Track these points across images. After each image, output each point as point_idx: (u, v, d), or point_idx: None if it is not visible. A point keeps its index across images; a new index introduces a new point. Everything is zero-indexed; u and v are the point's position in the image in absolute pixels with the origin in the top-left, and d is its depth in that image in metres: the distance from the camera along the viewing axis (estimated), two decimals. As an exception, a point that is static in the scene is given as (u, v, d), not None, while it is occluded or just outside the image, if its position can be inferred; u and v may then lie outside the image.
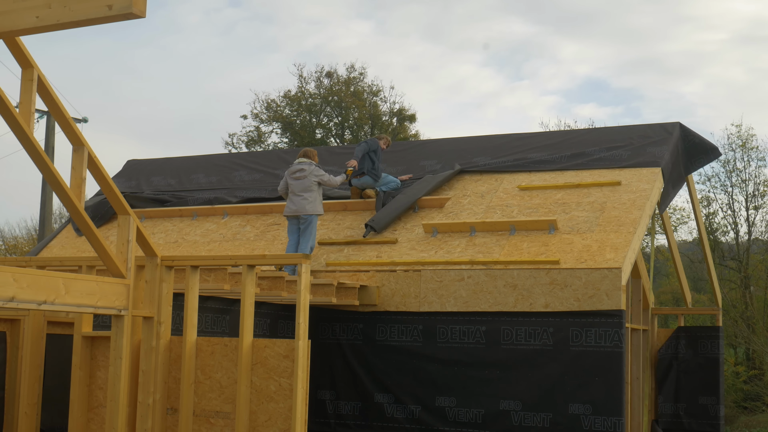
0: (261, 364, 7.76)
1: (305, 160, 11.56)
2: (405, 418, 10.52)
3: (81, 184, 7.13)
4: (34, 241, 35.81)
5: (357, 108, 35.30)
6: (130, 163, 16.05)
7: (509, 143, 13.33)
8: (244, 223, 13.20)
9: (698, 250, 26.66)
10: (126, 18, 5.14)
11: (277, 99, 36.20)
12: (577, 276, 10.01)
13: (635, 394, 13.04)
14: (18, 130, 6.39)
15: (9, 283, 6.22)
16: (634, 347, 12.98)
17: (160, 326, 7.94)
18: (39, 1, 5.33)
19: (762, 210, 27.88)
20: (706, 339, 13.94)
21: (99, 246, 7.29)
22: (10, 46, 6.37)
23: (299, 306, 7.67)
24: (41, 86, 6.73)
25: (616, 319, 9.73)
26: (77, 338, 8.13)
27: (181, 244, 13.02)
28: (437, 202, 12.28)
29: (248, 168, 14.56)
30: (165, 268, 8.02)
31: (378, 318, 10.84)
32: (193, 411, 7.94)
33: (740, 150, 27.54)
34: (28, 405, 8.00)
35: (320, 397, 10.98)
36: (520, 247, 10.78)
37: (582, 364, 9.81)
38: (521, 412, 10.01)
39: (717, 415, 13.62)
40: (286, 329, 10.60)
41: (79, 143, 7.16)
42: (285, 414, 7.61)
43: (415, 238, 11.60)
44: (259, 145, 35.71)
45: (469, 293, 10.44)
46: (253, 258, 8.09)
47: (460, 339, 10.41)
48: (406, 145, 14.97)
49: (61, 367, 8.55)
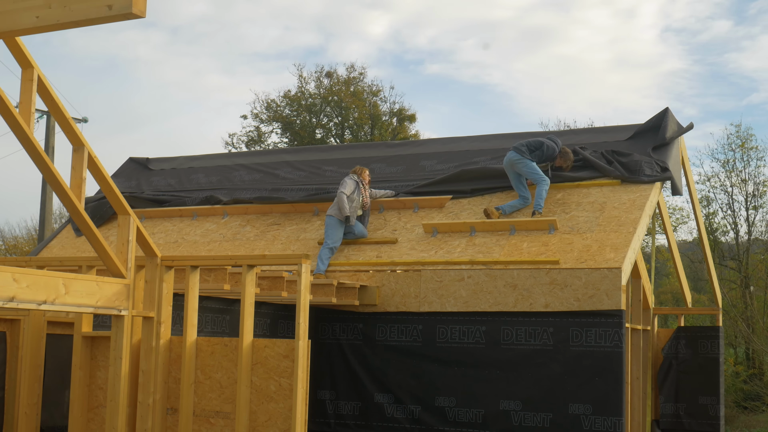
0: (261, 364, 7.76)
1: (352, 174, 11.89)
2: (405, 418, 10.52)
3: (81, 184, 7.13)
4: (34, 241, 35.82)
5: (357, 108, 35.30)
6: (130, 162, 16.04)
7: (509, 143, 13.31)
8: (244, 223, 13.20)
9: (698, 250, 26.65)
10: (126, 18, 5.14)
11: (277, 99, 36.25)
12: (577, 276, 10.01)
13: (635, 394, 13.04)
14: (18, 130, 6.39)
15: (9, 283, 6.22)
16: (634, 347, 12.97)
17: (160, 326, 7.94)
18: (39, 1, 5.33)
19: (762, 210, 27.90)
20: (706, 339, 13.93)
21: (99, 246, 7.29)
22: (10, 46, 6.38)
23: (299, 306, 7.67)
24: (41, 86, 6.73)
25: (616, 319, 9.73)
26: (77, 338, 8.14)
27: (181, 244, 13.02)
28: (437, 201, 12.27)
29: (248, 168, 14.55)
30: (165, 268, 8.02)
31: (378, 318, 10.84)
32: (193, 411, 7.95)
33: (740, 150, 27.55)
34: (28, 405, 8.00)
35: (320, 397, 10.98)
36: (520, 247, 10.78)
37: (582, 364, 9.81)
38: (521, 412, 10.01)
39: (717, 415, 13.61)
40: (286, 329, 10.60)
41: (79, 143, 7.16)
42: (285, 414, 7.61)
43: (415, 238, 11.60)
44: (259, 145, 35.73)
45: (469, 293, 10.44)
46: (253, 258, 8.09)
47: (460, 339, 10.41)
48: (405, 145, 14.95)
49: (61, 367, 8.55)
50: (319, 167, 13.94)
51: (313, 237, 12.28)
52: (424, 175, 13.05)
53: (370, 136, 35.22)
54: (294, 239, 12.31)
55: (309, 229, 12.54)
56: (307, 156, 14.62)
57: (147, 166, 15.66)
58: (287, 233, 12.57)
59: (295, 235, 12.44)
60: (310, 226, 12.61)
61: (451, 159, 13.27)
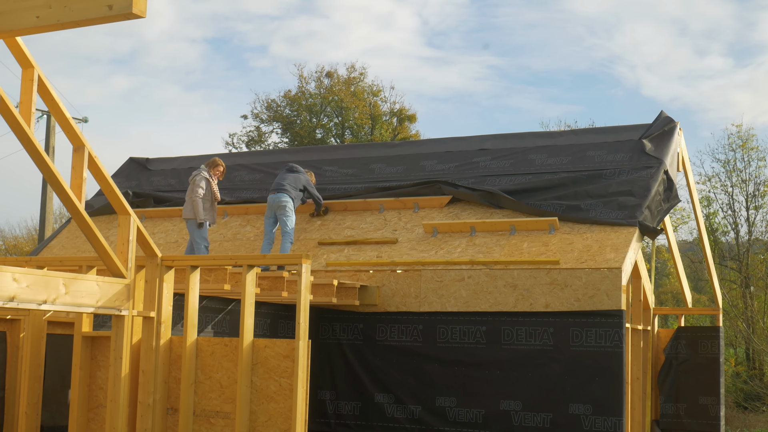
0: (261, 364, 7.76)
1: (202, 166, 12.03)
2: (405, 418, 10.51)
3: (81, 184, 7.13)
4: (35, 241, 35.82)
5: (357, 108, 35.29)
6: (130, 162, 16.04)
7: (509, 143, 13.31)
8: (244, 223, 13.20)
9: (698, 250, 26.64)
10: (126, 18, 5.14)
11: (277, 99, 36.25)
12: (577, 276, 10.00)
13: (635, 394, 13.03)
14: (18, 130, 6.39)
15: (9, 283, 6.22)
16: (634, 347, 12.97)
17: (160, 326, 7.94)
18: (39, 1, 5.33)
19: (762, 210, 27.85)
20: (706, 339, 13.92)
21: (99, 246, 7.29)
22: (10, 46, 6.38)
23: (299, 306, 7.67)
24: (41, 86, 6.73)
25: (616, 319, 9.73)
26: (77, 338, 8.13)
27: (181, 244, 13.01)
28: (437, 201, 12.27)
29: (248, 168, 14.55)
30: (165, 268, 8.02)
31: (378, 318, 10.84)
32: (194, 411, 7.94)
33: (740, 150, 27.53)
34: (29, 405, 8.00)
35: (320, 397, 10.98)
36: (521, 247, 10.77)
37: (582, 364, 9.81)
38: (521, 412, 10.00)
39: (717, 415, 13.60)
40: (287, 329, 10.60)
41: (79, 143, 7.16)
42: (285, 414, 7.60)
43: (415, 238, 11.59)
44: (259, 145, 35.73)
45: (470, 293, 10.44)
46: (253, 258, 8.09)
47: (460, 339, 10.41)
48: (406, 145, 14.95)
49: (62, 367, 8.54)
50: (319, 167, 13.94)
51: (313, 237, 12.28)
52: (424, 175, 13.05)
53: (370, 136, 35.21)
54: (294, 239, 12.30)
55: (309, 228, 12.54)
56: (307, 156, 14.61)
57: (147, 166, 15.66)
58: (287, 233, 12.55)
59: (296, 235, 12.43)
60: (311, 226, 12.60)
61: (451, 159, 13.27)
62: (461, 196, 12.13)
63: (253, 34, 61.17)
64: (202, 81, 65.92)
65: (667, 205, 11.60)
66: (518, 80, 71.29)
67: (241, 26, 60.61)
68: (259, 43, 61.28)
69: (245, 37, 61.31)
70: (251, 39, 61.23)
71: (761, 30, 72.54)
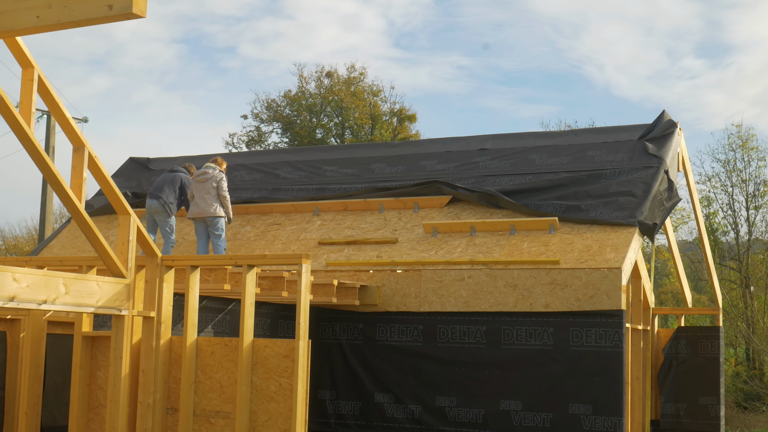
0: (261, 364, 7.76)
1: (211, 165, 11.93)
2: (405, 418, 10.51)
3: (81, 184, 7.13)
4: (35, 241, 35.82)
5: (357, 108, 35.29)
6: (130, 162, 16.04)
7: (509, 143, 13.32)
8: (244, 223, 13.20)
9: (698, 250, 26.64)
10: (126, 18, 5.14)
11: (277, 99, 36.25)
12: (578, 276, 10.00)
13: (635, 394, 13.03)
14: (18, 130, 6.39)
15: (9, 282, 6.22)
16: (634, 347, 12.97)
17: (160, 326, 7.94)
18: (39, 1, 5.33)
19: (762, 210, 27.84)
20: (706, 339, 13.93)
21: (99, 246, 7.29)
22: (10, 46, 6.38)
23: (300, 306, 7.67)
24: (41, 86, 6.73)
25: (616, 319, 9.73)
26: (77, 338, 8.13)
27: (180, 243, 13.01)
28: (437, 201, 12.27)
29: (249, 168, 14.55)
30: (165, 267, 8.02)
31: (378, 318, 10.84)
32: (194, 411, 7.94)
33: (740, 150, 27.54)
34: (29, 405, 8.00)
35: (320, 397, 10.98)
36: (521, 247, 10.77)
37: (582, 364, 9.81)
38: (521, 412, 10.00)
39: (717, 415, 13.60)
40: (287, 329, 10.60)
41: (80, 143, 7.16)
42: (285, 414, 7.60)
43: (415, 238, 11.59)
44: (259, 145, 35.73)
45: (470, 293, 10.44)
46: (253, 258, 8.09)
47: (460, 339, 10.41)
48: (406, 145, 14.95)
49: (62, 367, 8.54)
50: (319, 167, 13.94)
51: (313, 237, 12.27)
52: (424, 175, 13.05)
53: (370, 136, 35.21)
54: (294, 239, 12.30)
55: (309, 228, 12.54)
56: (308, 156, 14.62)
57: (147, 166, 15.65)
58: (287, 233, 12.57)
59: (296, 234, 12.43)
60: (311, 226, 12.60)
61: (451, 159, 13.27)
62: (461, 197, 12.14)
63: (221, 35, 60.86)
64: (178, 81, 65.82)
65: (669, 204, 11.60)
66: (489, 80, 71.24)
67: (208, 27, 60.35)
68: (227, 44, 60.99)
69: (213, 39, 61.05)
70: (219, 40, 60.93)
71: (731, 30, 72.23)
